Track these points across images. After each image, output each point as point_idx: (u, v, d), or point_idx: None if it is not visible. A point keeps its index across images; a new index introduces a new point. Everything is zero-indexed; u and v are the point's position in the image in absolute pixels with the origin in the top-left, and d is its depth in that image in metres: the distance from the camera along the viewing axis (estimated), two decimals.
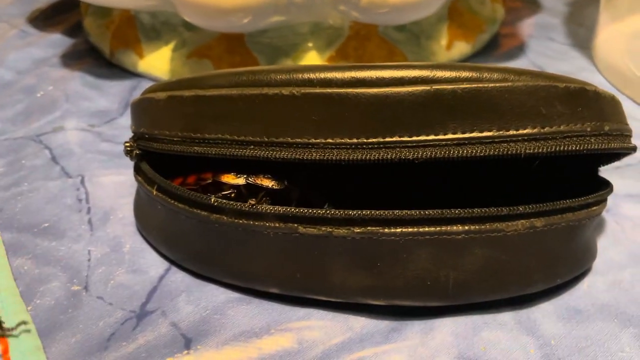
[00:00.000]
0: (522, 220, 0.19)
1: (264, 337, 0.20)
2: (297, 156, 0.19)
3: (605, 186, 0.22)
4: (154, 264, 0.23)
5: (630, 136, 0.21)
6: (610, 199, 0.25)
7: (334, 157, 0.19)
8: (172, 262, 0.23)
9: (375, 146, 0.19)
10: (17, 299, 0.21)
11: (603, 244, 0.24)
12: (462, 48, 0.36)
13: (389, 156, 0.19)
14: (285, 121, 0.19)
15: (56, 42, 0.39)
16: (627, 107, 0.32)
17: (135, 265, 0.22)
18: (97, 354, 0.19)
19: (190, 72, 0.34)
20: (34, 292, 0.21)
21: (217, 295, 0.21)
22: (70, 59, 0.37)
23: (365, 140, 0.19)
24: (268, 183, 0.21)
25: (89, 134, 0.30)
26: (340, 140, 0.19)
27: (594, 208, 0.21)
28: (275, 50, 0.33)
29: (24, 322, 0.20)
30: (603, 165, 0.23)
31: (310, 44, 0.34)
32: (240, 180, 0.21)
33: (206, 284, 0.22)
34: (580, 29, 0.41)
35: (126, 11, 0.36)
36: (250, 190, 0.21)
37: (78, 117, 0.31)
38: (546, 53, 0.38)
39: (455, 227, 0.19)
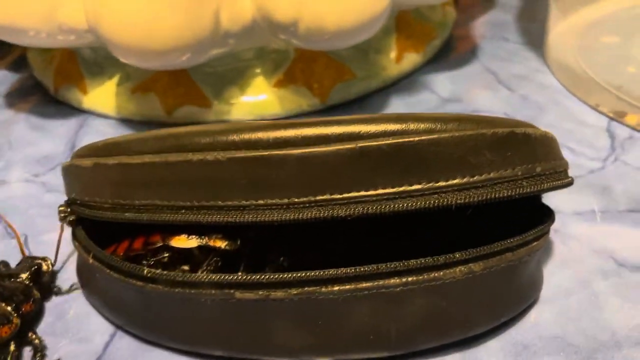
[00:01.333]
0: (460, 267, 0.19)
1: None
2: (230, 219, 0.19)
3: (547, 218, 0.22)
4: (99, 329, 0.22)
5: (565, 171, 0.21)
6: (557, 217, 0.25)
7: (266, 218, 0.19)
8: (117, 325, 0.22)
9: (307, 205, 0.18)
10: None
11: (550, 268, 0.24)
12: (412, 59, 0.36)
13: (321, 214, 0.18)
14: (213, 185, 0.19)
15: (1, 79, 0.38)
16: (578, 110, 0.33)
17: (80, 333, 0.22)
18: None
19: (136, 106, 0.33)
20: None
21: None
22: (16, 98, 0.36)
23: (296, 200, 0.18)
24: (221, 244, 0.20)
25: (33, 185, 0.29)
26: (271, 201, 0.19)
27: (534, 244, 0.20)
28: (220, 79, 0.33)
29: None
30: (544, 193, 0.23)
31: (257, 70, 0.33)
32: (193, 243, 0.20)
33: (152, 349, 0.21)
34: (533, 25, 0.41)
35: None
36: (203, 252, 0.21)
37: (22, 166, 0.31)
38: (499, 55, 0.38)
39: (392, 281, 0.19)
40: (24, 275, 0.22)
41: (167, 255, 0.21)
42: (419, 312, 0.19)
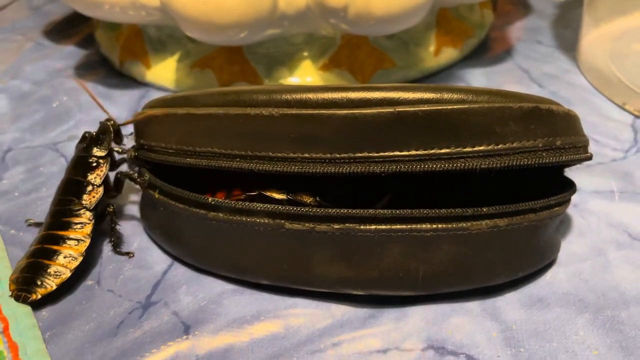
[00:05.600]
0: (486, 220, 0.21)
1: (255, 324, 0.22)
2: (278, 169, 0.21)
3: (569, 187, 0.24)
4: (158, 260, 0.25)
5: (585, 146, 0.23)
6: (577, 195, 0.27)
7: (310, 170, 0.21)
8: (175, 258, 0.25)
9: (347, 161, 0.21)
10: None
11: (568, 238, 0.26)
12: (450, 54, 0.38)
13: (359, 169, 0.21)
14: (266, 137, 0.21)
15: (70, 53, 0.42)
16: (604, 107, 0.35)
17: (141, 262, 0.25)
18: (108, 339, 0.22)
19: (194, 81, 0.36)
20: None
21: (213, 287, 0.24)
22: (83, 70, 0.40)
23: (337, 155, 0.21)
24: (307, 199, 0.23)
25: None
26: (316, 155, 0.21)
27: (556, 209, 0.22)
28: (272, 60, 0.36)
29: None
30: (567, 167, 0.25)
31: (305, 53, 0.36)
32: (283, 195, 0.23)
33: (205, 277, 0.24)
34: (567, 31, 0.43)
35: (134, 24, 0.38)
36: (291, 204, 0.23)
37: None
38: (532, 56, 0.40)
39: (424, 225, 0.21)
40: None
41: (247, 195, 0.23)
42: (445, 257, 0.22)
